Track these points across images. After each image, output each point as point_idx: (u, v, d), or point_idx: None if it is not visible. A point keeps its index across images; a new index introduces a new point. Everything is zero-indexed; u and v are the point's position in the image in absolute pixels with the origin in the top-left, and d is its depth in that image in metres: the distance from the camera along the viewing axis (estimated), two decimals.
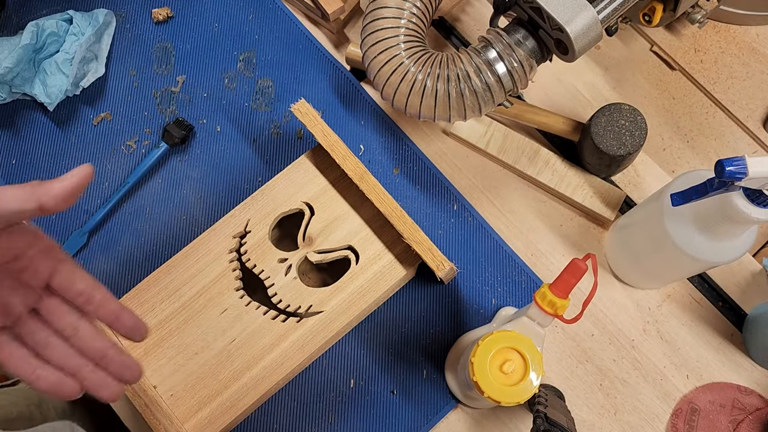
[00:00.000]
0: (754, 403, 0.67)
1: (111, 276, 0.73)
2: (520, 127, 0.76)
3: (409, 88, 0.60)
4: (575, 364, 0.69)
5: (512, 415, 0.68)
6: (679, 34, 0.84)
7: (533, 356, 0.52)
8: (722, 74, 0.83)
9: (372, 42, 0.62)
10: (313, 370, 0.69)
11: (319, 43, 0.81)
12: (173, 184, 0.76)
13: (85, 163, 0.78)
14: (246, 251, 0.67)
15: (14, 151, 0.77)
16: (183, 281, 0.66)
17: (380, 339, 0.70)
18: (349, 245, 0.67)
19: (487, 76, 0.58)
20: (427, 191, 0.75)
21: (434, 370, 0.69)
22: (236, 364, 0.64)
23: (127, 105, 0.79)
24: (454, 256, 0.72)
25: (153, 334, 0.65)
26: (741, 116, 0.82)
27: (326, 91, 0.79)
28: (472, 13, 0.82)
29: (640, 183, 0.75)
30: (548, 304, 0.52)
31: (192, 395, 0.63)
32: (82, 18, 0.77)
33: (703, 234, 0.57)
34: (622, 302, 0.71)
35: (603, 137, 0.67)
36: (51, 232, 0.74)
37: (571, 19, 0.54)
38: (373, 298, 0.65)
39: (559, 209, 0.74)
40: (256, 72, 0.80)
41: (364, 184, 0.64)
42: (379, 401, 0.68)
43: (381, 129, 0.77)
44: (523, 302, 0.71)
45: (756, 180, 0.48)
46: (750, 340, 0.68)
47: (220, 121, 0.78)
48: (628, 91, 0.82)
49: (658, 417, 0.68)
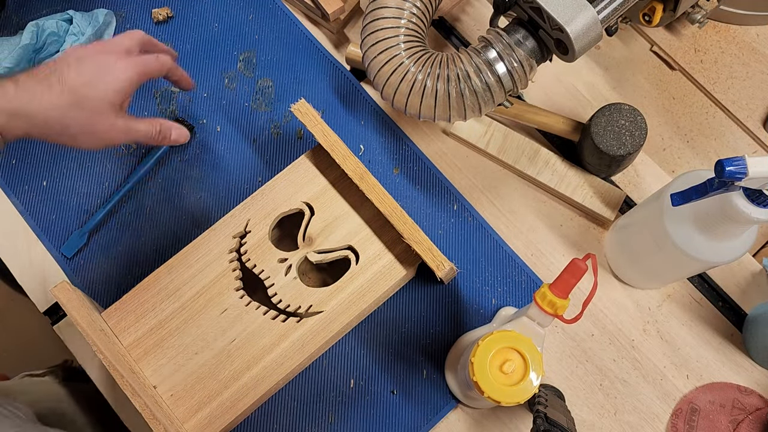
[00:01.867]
0: (754, 403, 0.67)
1: (111, 276, 0.73)
2: (520, 127, 0.76)
3: (409, 88, 0.60)
4: (575, 364, 0.69)
5: (512, 415, 0.68)
6: (679, 34, 0.84)
7: (533, 356, 0.52)
8: (722, 74, 0.83)
9: (372, 42, 0.62)
10: (313, 370, 0.69)
11: (319, 43, 0.81)
12: (173, 184, 0.76)
13: (85, 162, 0.78)
14: (246, 251, 0.67)
15: (14, 151, 0.77)
16: (183, 281, 0.66)
17: (380, 339, 0.70)
18: (349, 245, 0.67)
19: (487, 76, 0.58)
20: (427, 191, 0.75)
21: (434, 370, 0.69)
22: (236, 364, 0.64)
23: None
24: (454, 256, 0.72)
25: (153, 334, 0.65)
26: (741, 116, 0.82)
27: (326, 91, 0.79)
28: (472, 13, 0.82)
29: (640, 183, 0.75)
30: (548, 304, 0.52)
31: (192, 395, 0.63)
32: (82, 18, 0.77)
33: (703, 234, 0.57)
34: (622, 302, 0.71)
35: (603, 137, 0.67)
36: (51, 232, 0.74)
37: (571, 19, 0.54)
38: (373, 298, 0.65)
39: (559, 209, 0.74)
40: (256, 72, 0.80)
41: (364, 184, 0.64)
42: (379, 401, 0.68)
43: (381, 129, 0.77)
44: (523, 302, 0.71)
45: (756, 180, 0.48)
46: (750, 340, 0.68)
47: (220, 121, 0.78)
48: (628, 91, 0.82)
49: (658, 417, 0.68)
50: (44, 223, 0.75)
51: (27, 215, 0.75)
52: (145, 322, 0.65)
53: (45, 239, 0.74)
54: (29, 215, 0.75)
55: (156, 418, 0.59)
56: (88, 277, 0.73)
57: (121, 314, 0.66)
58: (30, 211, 0.75)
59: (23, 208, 0.75)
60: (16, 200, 0.76)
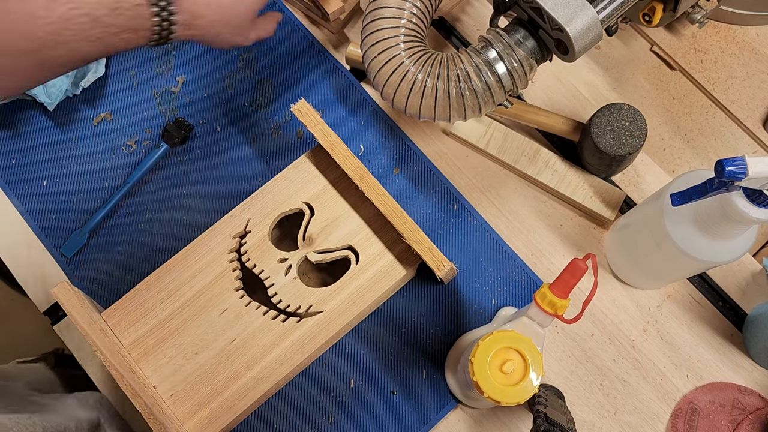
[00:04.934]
0: (754, 403, 0.67)
1: (111, 276, 0.73)
2: (520, 127, 0.76)
3: (409, 88, 0.60)
4: (575, 364, 0.69)
5: (512, 415, 0.68)
6: (679, 34, 0.84)
7: (533, 356, 0.52)
8: (722, 74, 0.83)
9: (372, 42, 0.62)
10: (313, 370, 0.69)
11: (319, 43, 0.81)
12: (173, 184, 0.76)
13: (85, 162, 0.78)
14: (246, 251, 0.67)
15: (14, 151, 0.77)
16: (183, 281, 0.66)
17: (380, 339, 0.70)
18: (349, 245, 0.67)
19: (487, 76, 0.58)
20: (427, 191, 0.75)
21: (434, 370, 0.69)
22: (236, 364, 0.64)
23: (127, 105, 0.79)
24: (454, 256, 0.72)
25: (153, 334, 0.65)
26: (741, 116, 0.82)
27: (326, 91, 0.79)
28: (472, 13, 0.82)
29: (640, 183, 0.75)
30: (548, 304, 0.52)
31: (192, 395, 0.63)
32: None
33: (703, 234, 0.57)
34: (622, 302, 0.71)
35: (603, 137, 0.67)
36: (51, 232, 0.74)
37: (571, 19, 0.54)
38: (373, 298, 0.65)
39: (559, 209, 0.74)
40: (256, 72, 0.80)
41: (364, 184, 0.64)
42: (379, 401, 0.68)
43: (381, 129, 0.77)
44: (523, 302, 0.71)
45: (756, 180, 0.48)
46: (750, 340, 0.68)
47: (220, 121, 0.78)
48: (628, 91, 0.82)
49: (658, 417, 0.68)
50: (44, 223, 0.75)
51: (27, 215, 0.75)
52: (145, 322, 0.65)
53: (45, 239, 0.74)
54: (29, 215, 0.75)
55: (156, 418, 0.59)
56: (88, 277, 0.73)
57: (121, 314, 0.66)
58: (30, 211, 0.75)
59: (23, 208, 0.75)
60: (16, 200, 0.76)
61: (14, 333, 1.45)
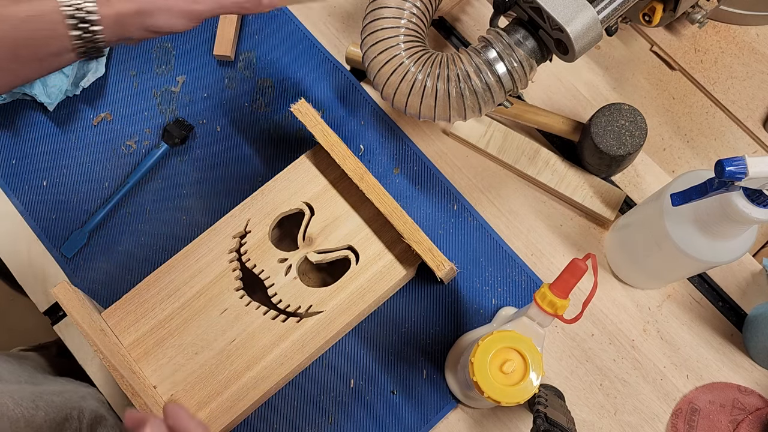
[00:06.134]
0: (754, 403, 0.67)
1: (111, 276, 0.73)
2: (520, 127, 0.76)
3: (409, 88, 0.60)
4: (575, 364, 0.69)
5: (512, 415, 0.68)
6: (679, 34, 0.84)
7: (533, 356, 0.52)
8: (722, 74, 0.83)
9: (372, 42, 0.62)
10: (313, 370, 0.69)
11: (319, 43, 0.81)
12: (173, 184, 0.76)
13: (85, 162, 0.78)
14: (246, 251, 0.67)
15: (14, 151, 0.77)
16: (183, 281, 0.66)
17: (380, 339, 0.70)
18: (349, 245, 0.67)
19: (487, 76, 0.58)
20: (427, 191, 0.75)
21: (434, 370, 0.69)
22: (236, 364, 0.64)
23: (127, 105, 0.79)
24: (454, 256, 0.72)
25: (153, 334, 0.65)
26: (741, 116, 0.82)
27: (326, 91, 0.79)
28: (472, 13, 0.82)
29: (640, 183, 0.75)
30: (548, 304, 0.52)
31: (192, 395, 0.63)
32: None
33: (703, 234, 0.57)
34: (622, 302, 0.71)
35: (603, 137, 0.67)
36: (51, 232, 0.74)
37: (571, 19, 0.54)
38: (373, 298, 0.65)
39: (559, 209, 0.74)
40: (256, 72, 0.80)
41: (364, 184, 0.64)
42: (379, 401, 0.68)
43: (381, 129, 0.77)
44: (523, 302, 0.71)
45: (756, 180, 0.48)
46: (750, 340, 0.68)
47: (220, 121, 0.78)
48: (628, 91, 0.82)
49: (658, 417, 0.68)
50: (44, 223, 0.75)
51: (27, 215, 0.75)
52: (145, 322, 0.65)
53: (45, 239, 0.74)
54: (29, 215, 0.75)
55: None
56: (88, 277, 0.73)
57: (121, 314, 0.66)
58: (30, 211, 0.75)
59: (23, 208, 0.75)
60: (16, 200, 0.76)
61: (14, 333, 1.45)
